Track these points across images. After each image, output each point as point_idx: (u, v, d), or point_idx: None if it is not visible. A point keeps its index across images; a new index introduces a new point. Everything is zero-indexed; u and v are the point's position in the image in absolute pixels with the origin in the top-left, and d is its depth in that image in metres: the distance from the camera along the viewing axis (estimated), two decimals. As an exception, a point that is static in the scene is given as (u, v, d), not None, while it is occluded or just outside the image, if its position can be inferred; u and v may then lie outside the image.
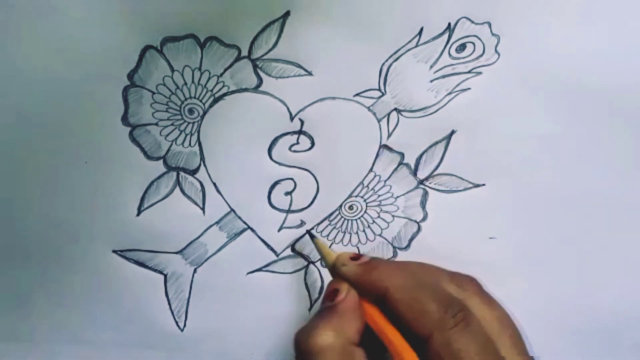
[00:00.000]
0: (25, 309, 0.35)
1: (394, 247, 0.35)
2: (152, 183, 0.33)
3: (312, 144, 0.33)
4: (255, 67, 0.31)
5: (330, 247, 0.34)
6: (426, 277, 0.29)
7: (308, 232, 0.34)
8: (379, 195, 0.34)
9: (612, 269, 0.35)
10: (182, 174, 0.33)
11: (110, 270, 0.34)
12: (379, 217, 0.34)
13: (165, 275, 0.34)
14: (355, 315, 0.28)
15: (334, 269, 0.30)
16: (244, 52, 0.31)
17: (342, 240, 0.35)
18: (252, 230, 0.34)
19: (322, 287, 0.35)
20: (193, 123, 0.32)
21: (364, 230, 0.35)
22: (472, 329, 0.26)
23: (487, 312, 0.28)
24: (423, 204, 0.34)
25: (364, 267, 0.29)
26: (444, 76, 0.32)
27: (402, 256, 0.35)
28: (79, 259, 0.34)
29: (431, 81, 0.32)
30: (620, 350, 0.36)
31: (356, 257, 0.30)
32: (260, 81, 0.32)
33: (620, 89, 0.32)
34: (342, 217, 0.34)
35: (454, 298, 0.27)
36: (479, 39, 0.31)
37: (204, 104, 0.32)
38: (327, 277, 0.31)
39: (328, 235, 0.34)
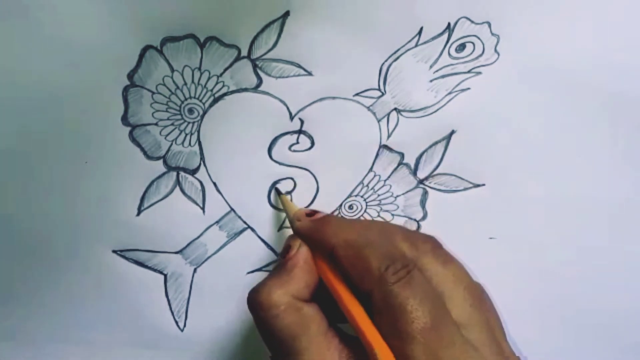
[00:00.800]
0: (24, 308, 0.35)
1: (394, 247, 0.35)
2: (152, 183, 0.33)
3: (312, 143, 0.33)
4: (255, 67, 0.31)
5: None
6: (378, 235, 0.28)
7: (275, 188, 0.33)
8: (378, 195, 0.34)
9: (612, 269, 0.35)
10: (182, 173, 0.33)
11: (110, 270, 0.34)
12: (378, 216, 0.34)
13: (165, 275, 0.34)
14: (304, 271, 0.28)
15: (291, 224, 0.30)
16: (244, 52, 0.31)
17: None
18: (252, 230, 0.34)
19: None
20: (193, 123, 0.32)
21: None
22: (416, 283, 0.26)
23: (440, 269, 0.28)
24: (423, 203, 0.34)
25: (316, 223, 0.29)
26: (443, 76, 0.32)
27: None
28: (78, 259, 0.34)
29: (431, 81, 0.32)
30: (620, 350, 0.36)
31: (312, 213, 0.30)
32: (260, 81, 0.32)
33: (620, 88, 0.32)
34: (342, 216, 0.34)
35: (401, 256, 0.27)
36: (479, 38, 0.31)
37: (203, 104, 0.32)
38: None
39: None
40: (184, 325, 0.35)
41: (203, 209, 0.34)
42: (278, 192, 0.33)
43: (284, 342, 0.26)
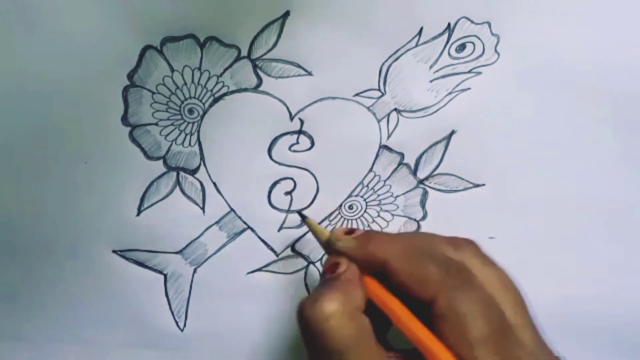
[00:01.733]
0: (24, 308, 0.35)
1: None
2: (152, 183, 0.33)
3: (312, 143, 0.33)
4: (255, 67, 0.31)
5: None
6: (422, 243, 0.28)
7: (299, 212, 0.33)
8: (378, 195, 0.34)
9: (612, 269, 0.35)
10: (182, 173, 0.33)
11: (110, 270, 0.34)
12: (378, 216, 0.34)
13: (165, 275, 0.34)
14: (359, 285, 0.28)
15: (328, 244, 0.30)
16: (244, 52, 0.31)
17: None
18: (252, 230, 0.34)
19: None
20: (193, 123, 0.32)
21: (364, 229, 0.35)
22: (475, 289, 0.26)
23: (488, 272, 0.28)
24: (423, 203, 0.34)
25: (360, 240, 0.29)
26: (443, 76, 0.32)
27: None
28: (79, 259, 0.34)
29: (431, 81, 0.32)
30: (620, 350, 0.36)
31: (350, 231, 0.30)
32: (260, 81, 0.32)
33: (620, 88, 0.32)
34: (342, 216, 0.34)
35: (453, 260, 0.27)
36: (479, 38, 0.31)
37: (203, 104, 0.32)
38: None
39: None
40: (184, 325, 0.35)
41: (203, 209, 0.34)
42: (302, 217, 0.33)
43: (339, 352, 0.26)
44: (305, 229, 0.34)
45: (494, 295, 0.27)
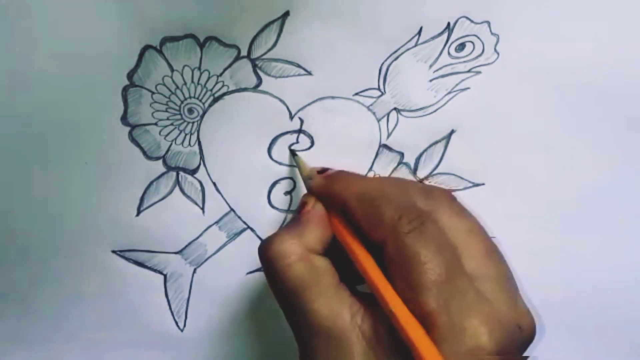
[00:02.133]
0: (24, 308, 0.35)
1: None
2: (151, 183, 0.33)
3: (312, 143, 0.33)
4: (254, 66, 0.31)
5: None
6: (392, 187, 0.28)
7: (290, 149, 0.33)
8: (378, 195, 0.34)
9: (612, 269, 0.35)
10: (181, 173, 0.33)
11: (109, 270, 0.34)
12: (378, 216, 0.34)
13: (165, 276, 0.34)
14: (318, 225, 0.28)
15: (305, 183, 0.31)
16: (244, 52, 0.31)
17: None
18: (252, 230, 0.34)
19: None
20: (192, 123, 0.32)
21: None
22: (429, 234, 0.26)
23: (456, 222, 0.27)
24: (423, 203, 0.34)
25: (327, 179, 0.30)
26: (443, 75, 0.32)
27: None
28: (78, 259, 0.34)
29: (430, 80, 0.32)
30: (620, 350, 0.36)
31: (323, 170, 0.31)
32: (260, 81, 0.32)
33: (620, 87, 0.32)
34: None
35: (415, 207, 0.27)
36: (479, 38, 0.31)
37: (203, 104, 0.32)
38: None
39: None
40: (184, 325, 0.35)
41: (203, 209, 0.34)
42: (293, 153, 0.33)
43: (294, 293, 0.26)
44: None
45: (457, 244, 0.26)
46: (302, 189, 0.34)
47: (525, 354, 0.27)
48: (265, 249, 0.27)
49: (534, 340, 0.35)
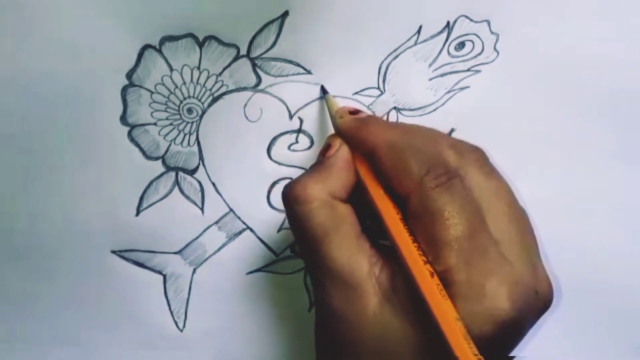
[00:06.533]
0: (23, 309, 0.35)
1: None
2: (150, 183, 0.33)
3: (312, 142, 0.33)
4: (254, 66, 0.31)
5: None
6: (423, 140, 0.27)
7: (322, 87, 0.32)
8: (378, 194, 0.34)
9: (612, 269, 0.35)
10: (181, 173, 0.33)
11: (109, 270, 0.34)
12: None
13: (165, 276, 0.34)
14: (342, 170, 0.28)
15: (333, 121, 0.30)
16: (243, 51, 0.31)
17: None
18: (252, 230, 0.34)
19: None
20: (192, 122, 0.32)
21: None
22: (455, 191, 0.25)
23: (484, 183, 0.27)
24: (423, 202, 0.34)
25: (358, 122, 0.28)
26: (443, 74, 0.32)
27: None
28: (77, 259, 0.34)
29: (430, 79, 0.32)
30: (620, 351, 0.36)
31: (355, 111, 0.29)
32: (259, 80, 0.32)
33: (621, 85, 0.32)
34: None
35: (444, 162, 0.26)
36: (478, 37, 0.31)
37: (202, 104, 0.32)
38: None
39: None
40: (184, 326, 0.35)
41: (202, 209, 0.34)
42: (324, 91, 0.31)
43: (315, 239, 0.26)
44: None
45: (482, 204, 0.26)
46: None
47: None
48: (289, 194, 0.27)
49: (532, 340, 0.35)
